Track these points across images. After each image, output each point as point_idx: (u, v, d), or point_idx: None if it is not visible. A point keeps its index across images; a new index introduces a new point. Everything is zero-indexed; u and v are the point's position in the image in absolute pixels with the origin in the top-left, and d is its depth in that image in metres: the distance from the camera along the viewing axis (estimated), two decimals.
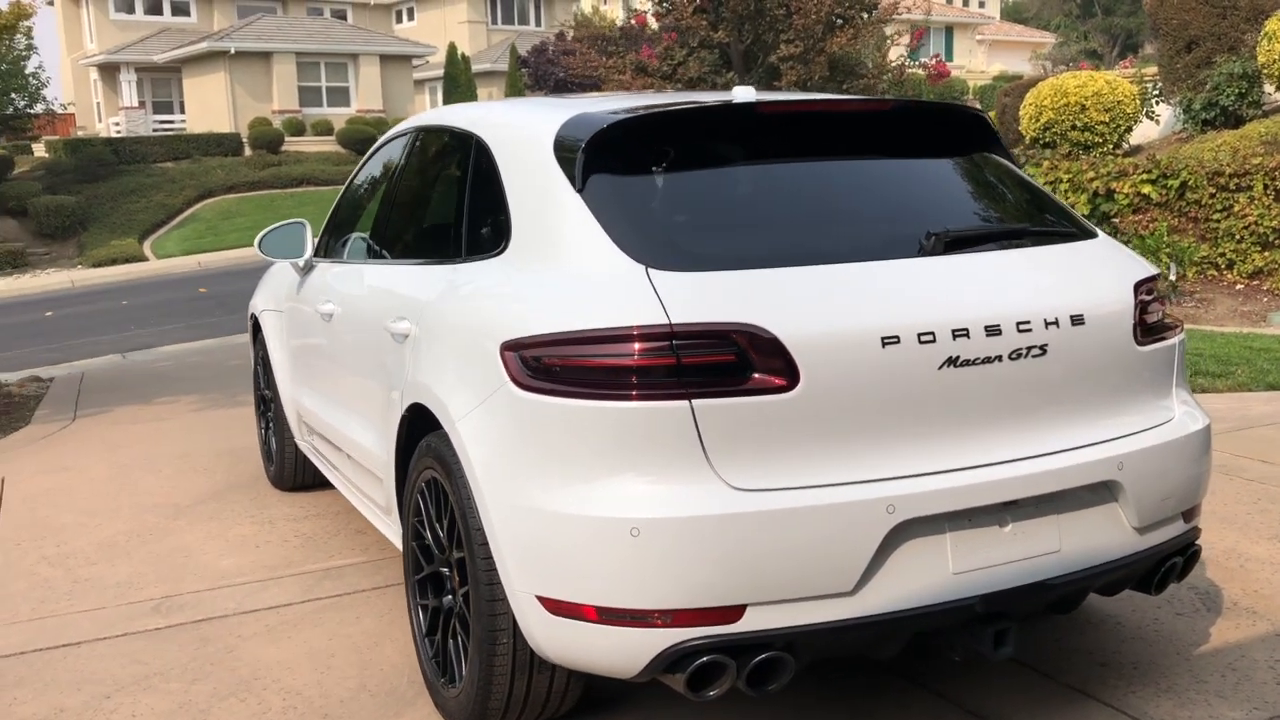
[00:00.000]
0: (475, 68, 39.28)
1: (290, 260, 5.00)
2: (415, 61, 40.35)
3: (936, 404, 2.71)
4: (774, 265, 2.73)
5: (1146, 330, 3.06)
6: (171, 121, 40.03)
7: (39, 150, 34.83)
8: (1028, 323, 2.80)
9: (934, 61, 15.22)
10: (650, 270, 2.68)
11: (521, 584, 2.75)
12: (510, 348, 2.75)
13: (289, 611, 4.19)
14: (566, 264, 2.86)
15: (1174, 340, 3.16)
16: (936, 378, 2.70)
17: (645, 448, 2.57)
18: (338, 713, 3.38)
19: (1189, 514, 3.14)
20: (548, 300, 2.82)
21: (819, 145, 3.20)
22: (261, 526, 5.27)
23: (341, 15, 44.27)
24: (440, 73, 38.62)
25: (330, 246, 4.91)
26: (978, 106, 15.55)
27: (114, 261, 26.23)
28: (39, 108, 32.55)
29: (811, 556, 2.58)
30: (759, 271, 2.70)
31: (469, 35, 43.90)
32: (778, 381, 2.58)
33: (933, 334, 2.69)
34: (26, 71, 31.33)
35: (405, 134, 4.32)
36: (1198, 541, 3.22)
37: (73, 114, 41.49)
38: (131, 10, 41.13)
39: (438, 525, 3.21)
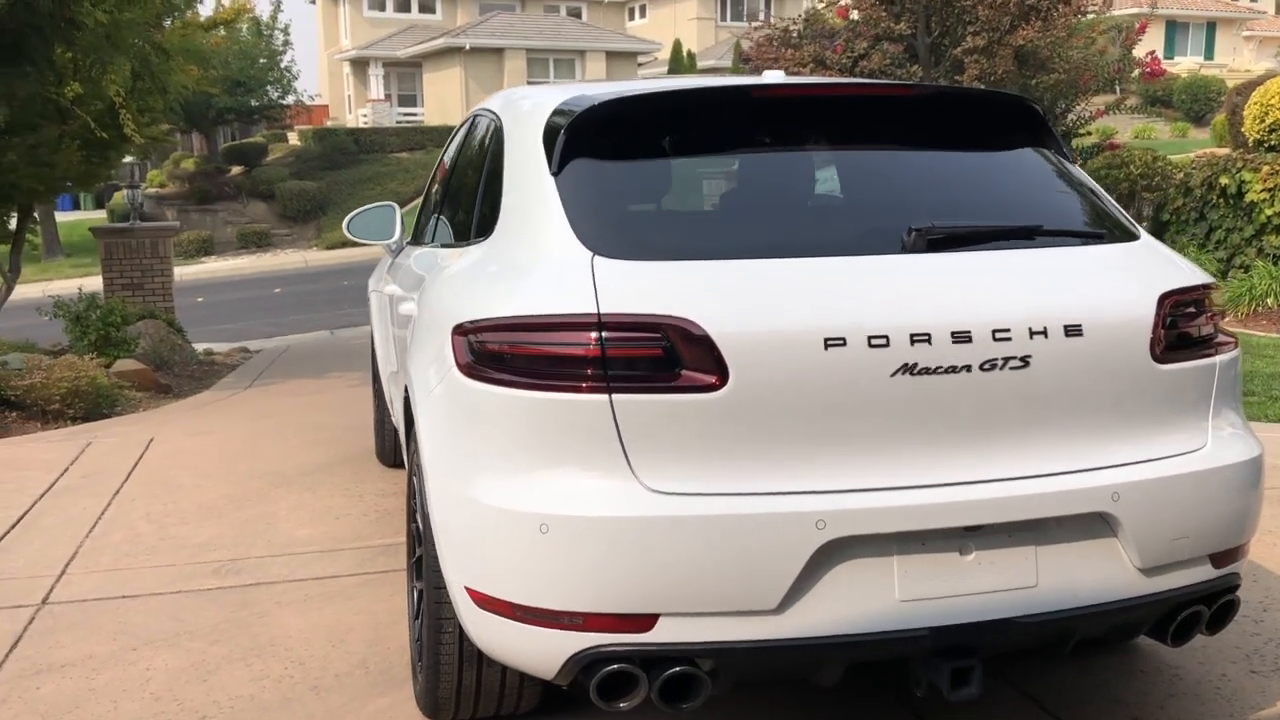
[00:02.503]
0: (701, 64, 39.49)
1: (381, 242, 5.11)
2: (641, 58, 40.92)
3: (887, 414, 2.48)
4: (723, 257, 2.57)
5: (1173, 346, 2.71)
6: (414, 114, 42.09)
7: (293, 139, 37.36)
8: (1006, 330, 2.52)
9: (1149, 58, 14.17)
10: (596, 258, 2.56)
11: (454, 574, 2.70)
12: (458, 332, 2.69)
13: (333, 583, 4.29)
14: (528, 248, 2.78)
15: (1215, 360, 2.78)
16: (889, 386, 2.47)
17: (563, 441, 2.46)
18: (328, 686, 3.43)
19: (1221, 558, 2.75)
20: (497, 284, 2.75)
21: (824, 133, 2.99)
22: (350, 499, 5.42)
23: (576, 13, 45.40)
24: (665, 69, 39.02)
25: (417, 228, 4.99)
26: (1234, 102, 14.27)
27: (344, 244, 27.81)
28: (290, 99, 34.84)
29: (730, 569, 2.41)
30: (699, 263, 2.54)
31: (697, 31, 44.22)
32: (705, 380, 2.42)
33: (886, 338, 2.46)
34: (281, 65, 33.58)
35: (469, 117, 4.34)
36: (1235, 591, 2.82)
37: (325, 105, 44.28)
38: (383, 8, 43.54)
39: (417, 510, 3.20)
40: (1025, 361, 2.53)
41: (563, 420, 2.46)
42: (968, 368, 2.49)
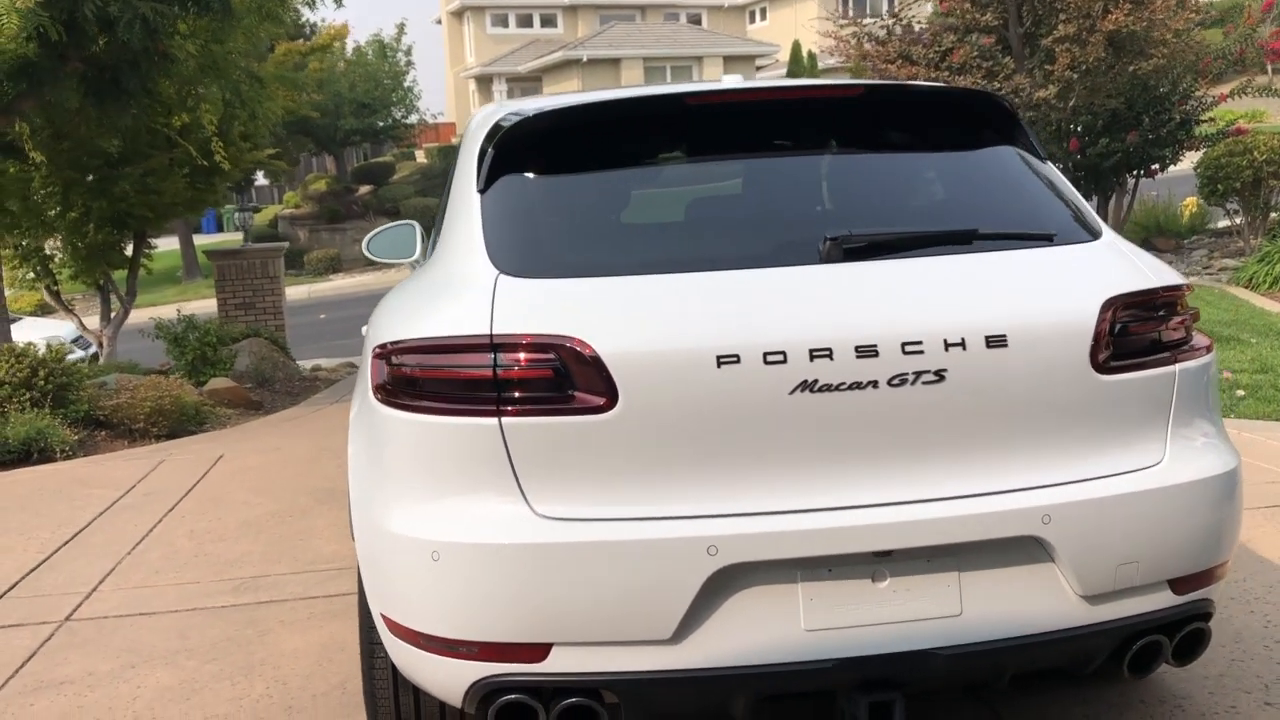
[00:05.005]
0: (822, 64, 38.98)
1: (403, 261, 5.14)
2: (761, 61, 40.66)
3: (787, 434, 2.35)
4: (628, 273, 2.48)
5: (1122, 355, 2.50)
6: None
7: (420, 157, 38.34)
8: (918, 343, 2.36)
9: (1271, 36, 13.33)
10: (501, 278, 2.51)
11: (372, 601, 2.67)
12: (376, 354, 2.67)
13: (340, 602, 4.33)
14: (449, 269, 2.75)
15: (1174, 368, 2.55)
16: (787, 404, 2.34)
17: (455, 466, 2.41)
18: (301, 706, 3.45)
19: (1184, 584, 2.53)
20: (416, 307, 2.72)
21: (762, 142, 2.86)
22: None
23: (696, 19, 45.42)
24: (785, 71, 38.66)
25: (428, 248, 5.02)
26: None
27: None
28: (413, 118, 35.72)
29: (621, 597, 2.32)
30: (597, 280, 2.46)
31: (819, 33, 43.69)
32: (594, 401, 2.34)
33: (783, 354, 2.33)
34: (405, 86, 34.48)
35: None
36: (1205, 619, 2.60)
37: (452, 123, 45.30)
38: (506, 24, 44.39)
39: None
40: (940, 375, 2.37)
41: (455, 444, 2.41)
42: (874, 383, 2.35)
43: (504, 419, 2.36)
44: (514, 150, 2.78)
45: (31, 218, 11.58)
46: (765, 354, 2.33)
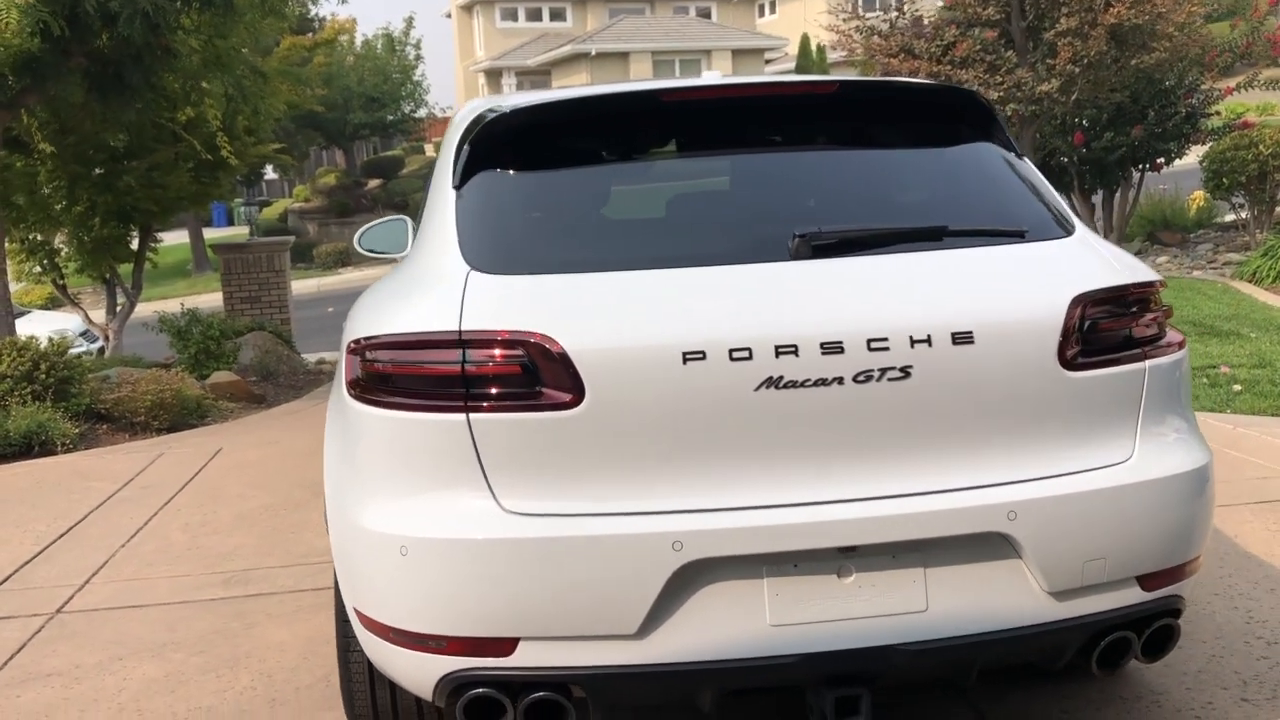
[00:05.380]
0: (831, 57, 38.88)
1: (395, 256, 5.16)
2: (770, 54, 40.55)
3: (753, 431, 2.36)
4: (597, 270, 2.49)
5: (1091, 352, 2.50)
6: None
7: (430, 151, 38.36)
8: (884, 340, 2.37)
9: (1278, 29, 13.28)
10: (472, 274, 2.53)
11: (346, 596, 2.70)
12: (349, 350, 2.69)
13: (328, 595, 4.27)
14: (423, 265, 2.77)
15: (1144, 365, 2.56)
16: (753, 401, 2.35)
17: (424, 462, 2.43)
18: (285, 699, 3.48)
19: (1153, 580, 2.53)
20: (390, 303, 2.74)
21: (736, 138, 2.87)
22: None
23: (706, 13, 45.24)
24: (793, 65, 38.54)
25: None
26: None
27: None
28: (422, 112, 35.76)
29: (587, 592, 2.33)
30: (566, 277, 2.48)
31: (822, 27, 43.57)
32: (562, 398, 2.35)
33: (748, 350, 2.34)
34: (414, 79, 34.51)
35: None
36: (1175, 615, 2.60)
37: None
38: (515, 18, 44.30)
39: None
40: (906, 372, 2.37)
41: (424, 440, 2.43)
42: (839, 380, 2.36)
43: (472, 415, 2.38)
44: (489, 146, 2.79)
45: (38, 211, 11.64)
46: (731, 351, 2.34)
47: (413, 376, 2.46)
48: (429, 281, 2.63)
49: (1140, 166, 14.28)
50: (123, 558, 4.96)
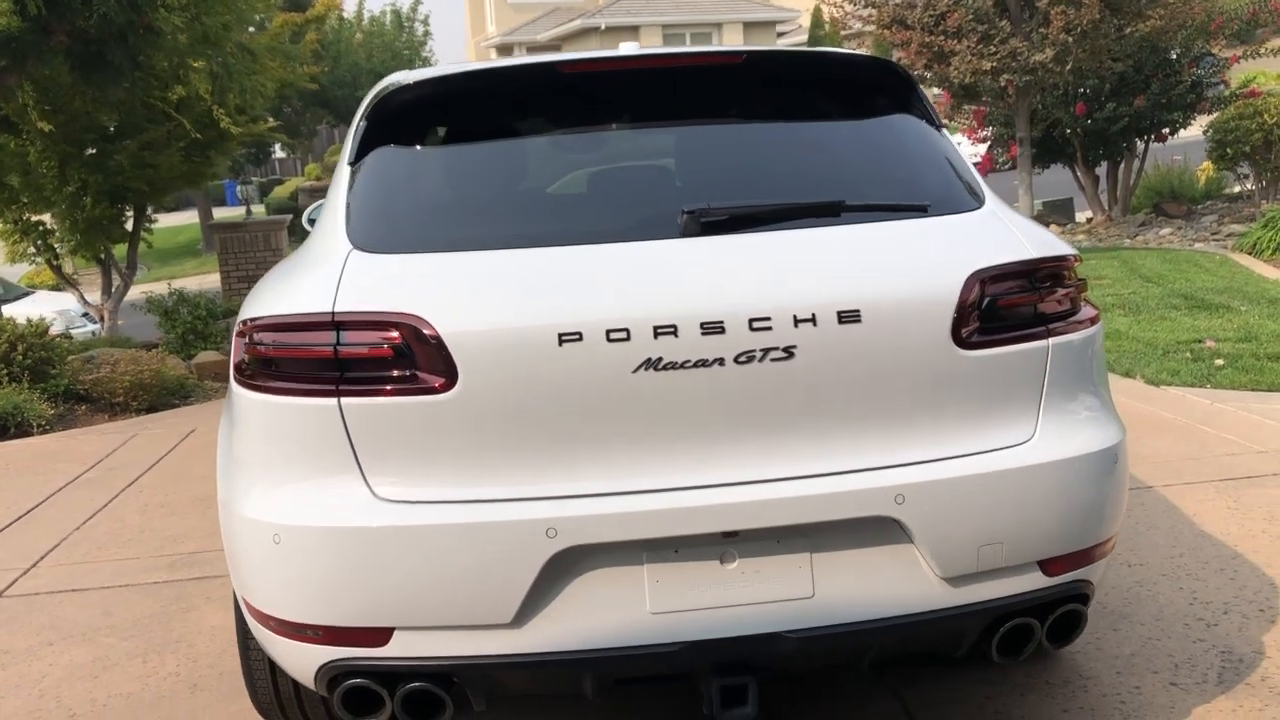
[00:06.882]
0: (845, 30, 38.53)
1: None
2: (783, 27, 40.21)
3: (631, 414, 2.28)
4: (478, 248, 2.42)
5: (989, 330, 2.41)
6: None
7: None
8: (765, 319, 2.28)
9: None
10: (353, 253, 2.46)
11: (235, 584, 2.65)
12: (237, 334, 2.63)
13: None
14: (312, 244, 2.72)
15: (1047, 342, 2.46)
16: (631, 383, 2.27)
17: (297, 448, 2.37)
18: (207, 685, 3.44)
19: (1056, 564, 2.45)
20: (274, 283, 2.68)
21: (637, 112, 2.78)
22: None
23: None
24: (806, 38, 38.19)
25: None
26: None
27: None
28: None
29: (461, 581, 2.27)
30: (442, 256, 2.40)
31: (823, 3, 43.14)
32: (433, 381, 2.28)
33: (626, 331, 2.26)
34: (423, 55, 34.36)
35: None
36: (1082, 600, 2.52)
37: None
38: None
39: None
40: (789, 353, 2.29)
41: (297, 425, 2.36)
42: (720, 361, 2.28)
43: (344, 399, 2.31)
44: (384, 121, 2.72)
45: (32, 192, 11.63)
46: (608, 331, 2.26)
47: (290, 360, 2.39)
48: (312, 262, 2.57)
49: (1145, 137, 14.05)
50: (75, 540, 4.94)
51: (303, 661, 2.43)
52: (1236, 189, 14.75)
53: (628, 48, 3.13)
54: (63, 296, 15.82)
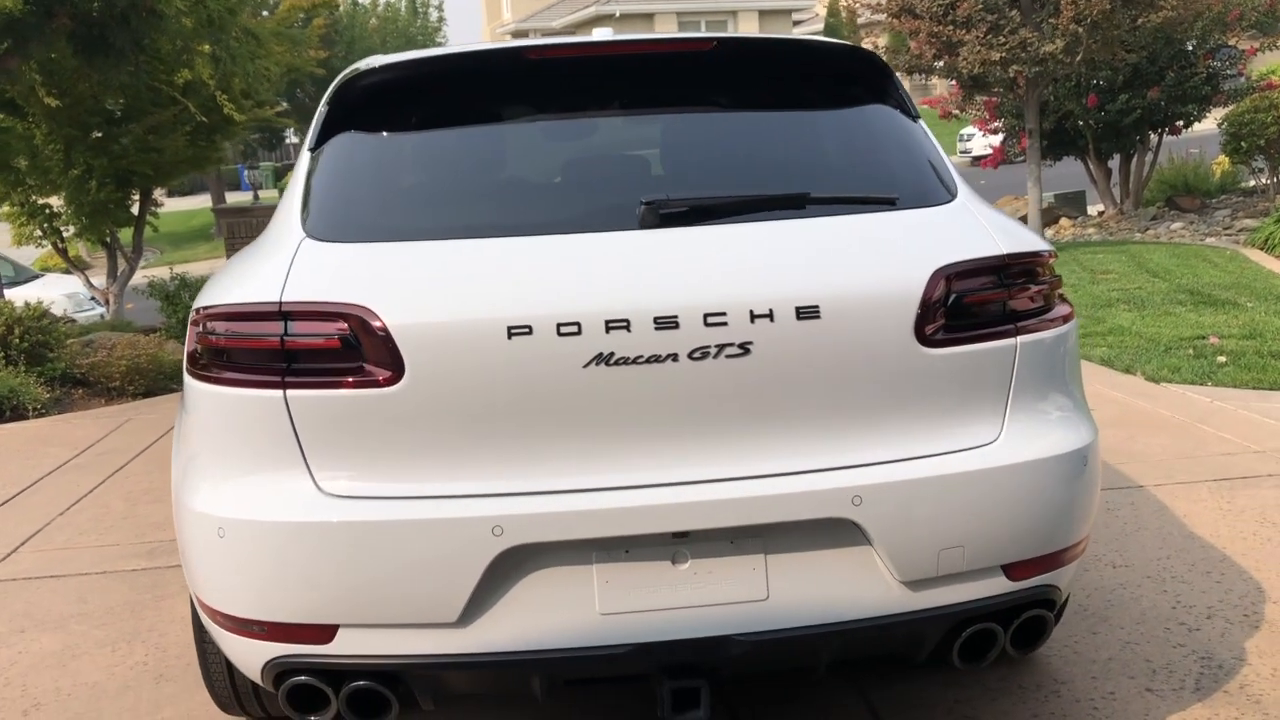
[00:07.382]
0: (861, 19, 38.28)
1: None
2: (798, 15, 39.99)
3: (581, 410, 2.23)
4: (430, 238, 2.36)
5: (955, 327, 2.35)
6: None
7: None
8: (721, 315, 2.22)
9: None
10: (305, 242, 2.41)
11: (186, 578, 2.60)
12: (190, 322, 2.59)
13: None
14: (269, 232, 2.66)
15: (1014, 340, 2.39)
16: (581, 378, 2.22)
17: (243, 440, 2.32)
18: (173, 675, 3.41)
19: (1020, 569, 2.39)
20: (230, 271, 2.63)
21: (602, 99, 2.71)
22: None
23: None
24: (822, 27, 37.97)
25: None
26: None
27: None
28: None
29: (406, 578, 2.22)
30: (393, 245, 2.35)
31: None
32: (381, 375, 2.23)
33: (577, 325, 2.20)
34: (438, 42, 34.32)
35: None
36: (1048, 605, 2.46)
37: None
38: None
39: None
40: (745, 349, 2.23)
41: (244, 417, 2.32)
42: (674, 357, 2.22)
43: (290, 391, 2.26)
44: (344, 106, 2.68)
45: (38, 175, 11.64)
46: (559, 325, 2.20)
47: (238, 350, 2.35)
48: (267, 250, 2.52)
49: (1158, 130, 13.90)
50: (57, 526, 4.92)
51: (250, 658, 2.39)
52: (1251, 183, 14.57)
53: (600, 33, 3.06)
54: (72, 280, 15.84)
